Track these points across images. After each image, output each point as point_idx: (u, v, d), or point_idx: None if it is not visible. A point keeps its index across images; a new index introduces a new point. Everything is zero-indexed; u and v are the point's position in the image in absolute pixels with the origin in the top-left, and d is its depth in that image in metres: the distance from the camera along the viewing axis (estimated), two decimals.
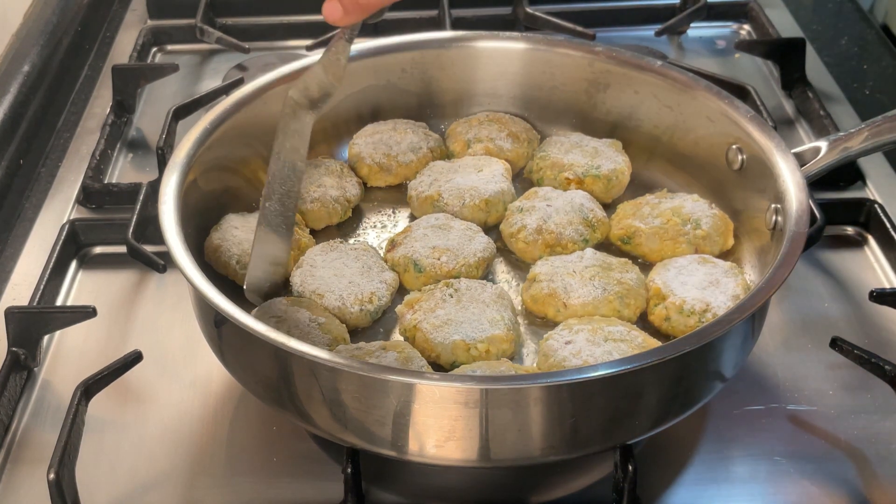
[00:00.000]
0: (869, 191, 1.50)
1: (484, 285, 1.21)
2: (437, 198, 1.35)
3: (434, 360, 1.15)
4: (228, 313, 1.03)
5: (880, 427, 1.18)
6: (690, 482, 1.12)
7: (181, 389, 1.23)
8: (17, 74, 1.67)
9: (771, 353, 1.26)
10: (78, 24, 1.89)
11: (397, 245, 1.28)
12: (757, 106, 1.56)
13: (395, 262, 1.27)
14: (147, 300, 1.36)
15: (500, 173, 1.38)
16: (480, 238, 1.29)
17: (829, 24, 1.94)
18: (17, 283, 1.37)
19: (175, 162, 1.22)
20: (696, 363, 1.05)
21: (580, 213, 1.31)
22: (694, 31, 1.91)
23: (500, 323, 1.16)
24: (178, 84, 1.78)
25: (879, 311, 1.31)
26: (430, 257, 1.25)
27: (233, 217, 1.30)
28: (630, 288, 1.20)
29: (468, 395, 0.98)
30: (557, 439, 1.02)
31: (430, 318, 1.16)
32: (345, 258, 1.25)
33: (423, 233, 1.29)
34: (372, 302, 1.21)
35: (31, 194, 1.54)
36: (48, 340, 1.29)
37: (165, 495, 1.12)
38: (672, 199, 1.32)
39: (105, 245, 1.44)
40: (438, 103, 1.50)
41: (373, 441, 1.03)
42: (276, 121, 1.22)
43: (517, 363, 1.15)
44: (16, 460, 1.16)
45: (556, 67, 1.46)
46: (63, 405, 1.12)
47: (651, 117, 1.42)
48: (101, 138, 1.60)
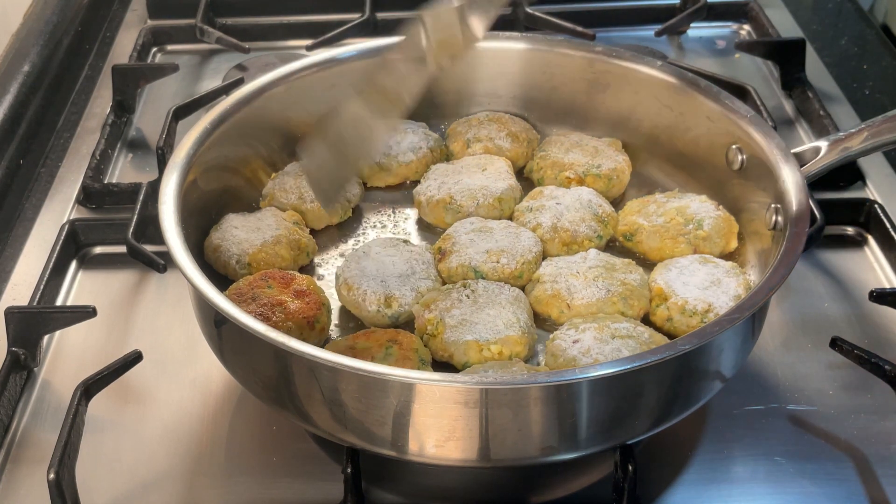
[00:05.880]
0: (869, 191, 1.50)
1: (501, 287, 1.21)
2: (449, 201, 1.34)
3: (447, 359, 1.15)
4: (228, 313, 1.03)
5: (880, 427, 1.18)
6: (690, 482, 1.12)
7: (181, 389, 1.23)
8: (17, 74, 1.67)
9: (771, 353, 1.26)
10: (78, 24, 1.89)
11: (448, 254, 1.26)
12: (757, 106, 1.56)
13: (452, 271, 1.25)
14: (147, 300, 1.36)
15: (504, 170, 1.38)
16: (525, 234, 1.28)
17: (829, 24, 1.94)
18: (17, 283, 1.37)
19: (175, 162, 1.22)
20: (696, 363, 1.05)
21: (590, 209, 1.31)
22: (694, 32, 1.91)
23: (516, 325, 1.15)
24: (178, 84, 1.78)
25: (879, 311, 1.31)
26: (488, 262, 1.24)
27: (233, 217, 1.30)
28: (633, 289, 1.20)
29: (468, 395, 0.98)
30: (557, 439, 1.02)
31: (446, 318, 1.16)
32: (397, 257, 1.25)
33: (470, 238, 1.27)
34: (391, 306, 1.20)
35: (31, 194, 1.54)
36: (48, 340, 1.29)
37: (165, 495, 1.12)
38: (680, 199, 1.32)
39: (105, 245, 1.44)
40: (438, 103, 1.50)
41: (373, 441, 1.03)
42: (276, 121, 1.22)
43: (532, 365, 1.15)
44: (16, 460, 1.16)
45: (556, 67, 1.46)
46: (63, 405, 1.12)
47: (651, 117, 1.42)
48: (101, 138, 1.60)
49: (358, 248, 1.28)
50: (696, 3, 1.87)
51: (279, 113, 1.39)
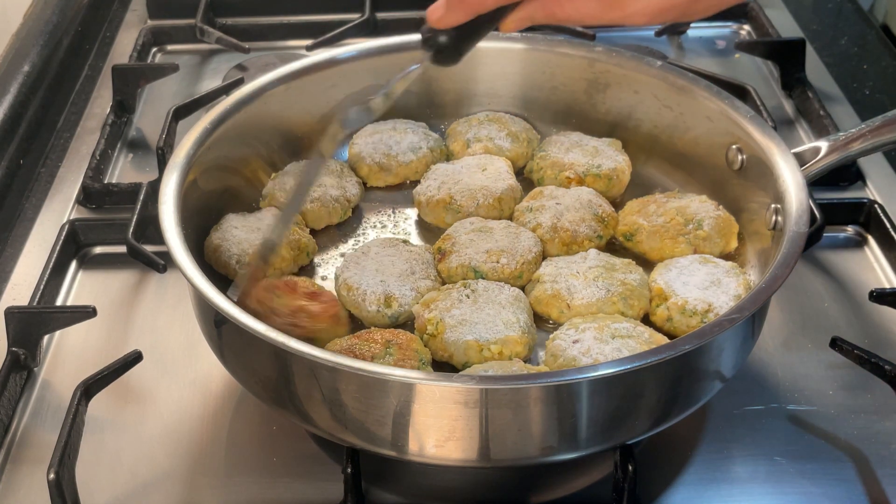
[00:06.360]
0: (869, 191, 1.50)
1: (501, 287, 1.21)
2: (449, 201, 1.34)
3: (447, 359, 1.15)
4: (228, 313, 1.03)
5: (880, 427, 1.18)
6: (690, 482, 1.12)
7: (181, 389, 1.23)
8: (17, 74, 1.67)
9: (771, 353, 1.26)
10: (78, 24, 1.89)
11: (448, 254, 1.26)
12: (757, 106, 1.56)
13: (452, 271, 1.25)
14: (147, 300, 1.36)
15: (504, 170, 1.38)
16: (525, 234, 1.28)
17: (829, 24, 1.94)
18: (17, 283, 1.37)
19: (175, 162, 1.22)
20: (696, 363, 1.05)
21: (590, 209, 1.31)
22: (694, 32, 1.91)
23: (516, 325, 1.15)
24: (178, 84, 1.78)
25: (879, 311, 1.31)
26: (488, 262, 1.24)
27: (233, 217, 1.30)
28: (633, 289, 1.20)
29: (468, 395, 0.98)
30: (557, 439, 1.02)
31: (446, 318, 1.16)
32: (396, 257, 1.25)
33: (469, 238, 1.27)
34: (390, 306, 1.20)
35: (31, 194, 1.54)
36: (48, 340, 1.29)
37: (165, 495, 1.12)
38: (680, 199, 1.32)
39: (105, 245, 1.44)
40: (438, 103, 1.50)
41: (373, 441, 1.03)
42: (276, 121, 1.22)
43: (532, 365, 1.15)
44: (16, 460, 1.16)
45: (556, 67, 1.46)
46: (63, 405, 1.12)
47: (651, 117, 1.42)
48: (101, 138, 1.60)
49: (357, 249, 1.28)
50: None
51: (279, 113, 1.39)
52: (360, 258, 1.25)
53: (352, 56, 1.44)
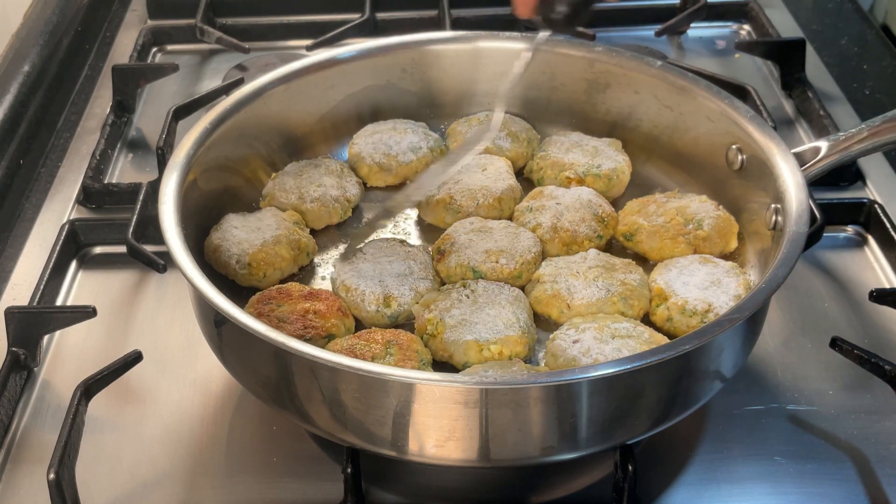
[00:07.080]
0: (869, 191, 1.50)
1: (501, 287, 1.21)
2: (448, 200, 1.34)
3: (447, 359, 1.15)
4: (228, 313, 1.03)
5: (880, 427, 1.18)
6: (690, 482, 1.12)
7: (181, 389, 1.23)
8: (17, 74, 1.67)
9: (771, 353, 1.26)
10: (78, 24, 1.89)
11: (447, 254, 1.26)
12: (757, 106, 1.56)
13: (450, 271, 1.25)
14: (147, 300, 1.36)
15: (504, 170, 1.38)
16: (525, 234, 1.28)
17: (829, 24, 1.94)
18: (17, 283, 1.37)
19: (175, 162, 1.22)
20: (696, 363, 1.05)
21: (590, 209, 1.31)
22: (694, 32, 1.91)
23: (515, 325, 1.15)
24: (178, 84, 1.78)
25: (879, 311, 1.31)
26: (487, 262, 1.24)
27: (233, 217, 1.30)
28: (633, 289, 1.20)
29: (468, 395, 0.98)
30: (557, 439, 1.02)
31: (446, 318, 1.16)
32: (394, 257, 1.25)
33: (469, 238, 1.27)
34: (389, 305, 1.21)
35: (31, 194, 1.54)
36: (48, 340, 1.29)
37: (165, 495, 1.12)
38: (680, 199, 1.32)
39: (105, 245, 1.44)
40: (438, 103, 1.50)
41: (373, 441, 1.03)
42: (276, 121, 1.22)
43: (532, 365, 1.15)
44: (16, 460, 1.16)
45: (556, 67, 1.46)
46: (63, 405, 1.12)
47: (651, 117, 1.42)
48: (101, 138, 1.60)
49: (355, 249, 1.28)
50: (696, 3, 1.88)
51: (279, 113, 1.39)
52: (357, 259, 1.25)
53: (352, 56, 1.44)
